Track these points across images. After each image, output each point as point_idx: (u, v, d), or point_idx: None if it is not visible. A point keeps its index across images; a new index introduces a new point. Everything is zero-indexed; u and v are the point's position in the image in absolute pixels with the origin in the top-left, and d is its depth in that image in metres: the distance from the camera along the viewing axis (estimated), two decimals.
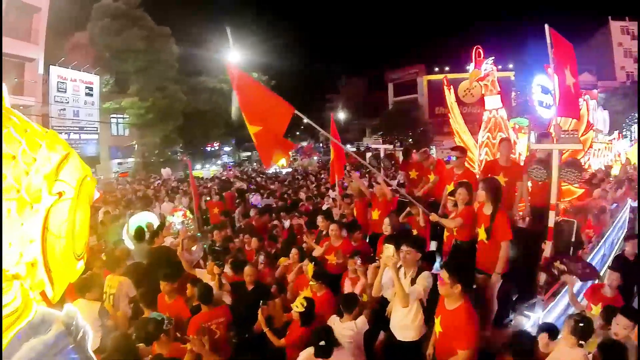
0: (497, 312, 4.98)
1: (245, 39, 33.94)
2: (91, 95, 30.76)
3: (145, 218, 8.45)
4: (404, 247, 4.23)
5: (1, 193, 2.05)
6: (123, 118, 33.14)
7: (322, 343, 3.68)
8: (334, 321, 4.34)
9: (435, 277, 4.05)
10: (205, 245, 7.54)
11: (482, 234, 4.92)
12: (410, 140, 35.75)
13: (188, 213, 10.05)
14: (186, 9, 43.31)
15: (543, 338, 3.70)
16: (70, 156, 3.07)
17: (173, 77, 33.09)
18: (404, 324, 4.15)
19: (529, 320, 5.09)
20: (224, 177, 25.27)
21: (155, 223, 8.34)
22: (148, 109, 30.71)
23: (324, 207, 10.62)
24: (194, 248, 6.92)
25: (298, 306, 4.40)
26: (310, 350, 3.81)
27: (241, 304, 5.24)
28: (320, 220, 6.93)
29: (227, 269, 6.01)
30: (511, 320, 5.25)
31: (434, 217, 5.56)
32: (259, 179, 23.51)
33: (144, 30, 30.17)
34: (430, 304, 4.07)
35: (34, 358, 3.71)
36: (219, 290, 5.36)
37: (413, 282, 4.17)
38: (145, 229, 7.53)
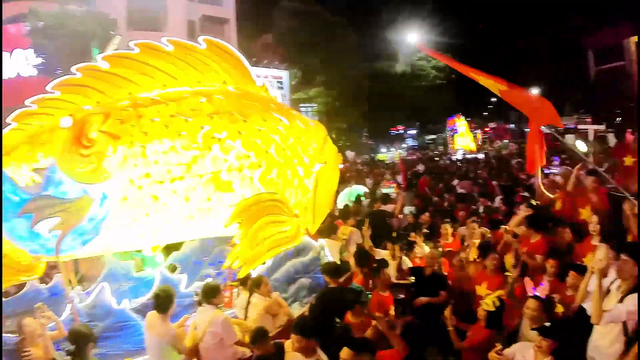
0: None
1: (422, 21, 34.22)
2: (281, 88, 35.24)
3: (362, 189, 11.24)
4: (623, 256, 3.72)
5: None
6: (312, 107, 36.81)
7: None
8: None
9: None
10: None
11: None
12: (619, 118, 30.81)
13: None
14: None
15: None
16: (328, 137, 4.71)
17: (356, 64, 35.34)
18: (599, 344, 3.73)
19: None
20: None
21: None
22: (334, 97, 33.58)
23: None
24: (400, 216, 8.83)
25: (489, 304, 4.21)
26: None
27: (417, 289, 5.52)
28: (523, 208, 6.55)
29: (418, 251, 6.50)
30: None
31: None
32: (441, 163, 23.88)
33: (322, 24, 32.95)
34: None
35: (292, 272, 5.88)
36: (396, 273, 5.92)
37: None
38: (363, 197, 10.21)
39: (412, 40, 34.39)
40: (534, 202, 6.84)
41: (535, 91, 39.72)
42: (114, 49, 10.00)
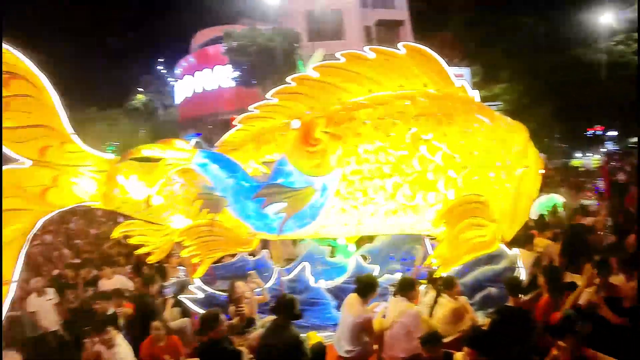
0: None
1: None
2: None
3: (560, 199, 10.52)
4: None
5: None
6: (497, 105, 34.73)
7: None
8: None
9: None
10: None
11: None
12: None
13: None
14: None
15: None
16: (530, 140, 4.70)
17: (544, 55, 32.18)
18: None
19: None
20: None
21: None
22: (521, 94, 31.34)
23: None
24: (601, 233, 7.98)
25: None
26: None
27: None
28: None
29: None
30: None
31: None
32: None
33: (504, 13, 30.91)
34: None
35: (481, 279, 6.03)
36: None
37: None
38: (561, 207, 9.63)
39: (608, 21, 30.14)
40: None
41: None
42: (320, 60, 11.20)
